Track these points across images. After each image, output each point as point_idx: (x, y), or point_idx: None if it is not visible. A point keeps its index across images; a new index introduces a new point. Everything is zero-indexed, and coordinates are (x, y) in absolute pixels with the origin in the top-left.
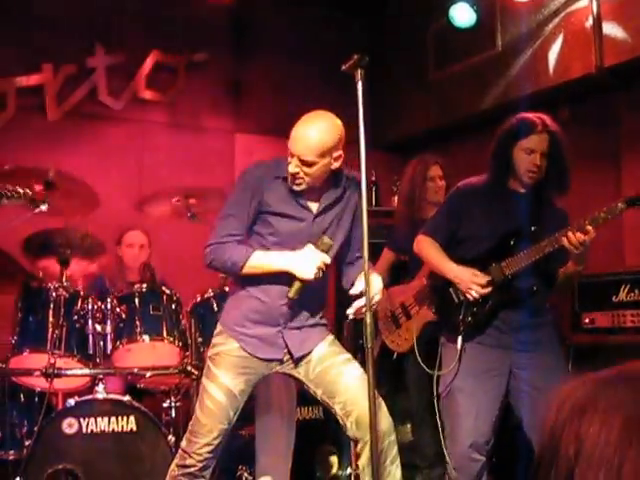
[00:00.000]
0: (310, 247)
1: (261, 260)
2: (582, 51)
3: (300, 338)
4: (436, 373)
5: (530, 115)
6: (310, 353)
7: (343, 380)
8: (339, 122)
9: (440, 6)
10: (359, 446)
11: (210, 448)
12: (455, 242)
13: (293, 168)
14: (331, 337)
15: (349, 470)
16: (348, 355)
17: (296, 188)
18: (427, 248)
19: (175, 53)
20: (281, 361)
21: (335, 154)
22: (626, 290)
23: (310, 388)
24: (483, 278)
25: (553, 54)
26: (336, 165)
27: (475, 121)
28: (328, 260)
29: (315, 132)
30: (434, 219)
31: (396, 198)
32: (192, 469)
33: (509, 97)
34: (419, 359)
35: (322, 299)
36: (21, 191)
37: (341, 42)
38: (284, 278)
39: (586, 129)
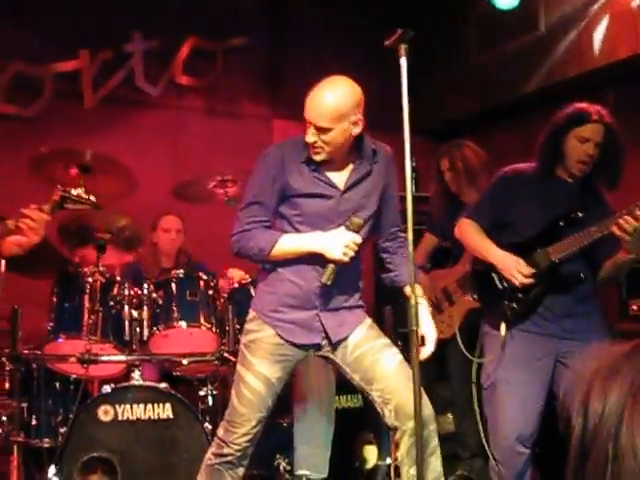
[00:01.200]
0: (340, 229)
1: (289, 244)
2: (628, 32)
3: (337, 321)
4: (479, 361)
5: (586, 105)
6: (348, 337)
7: (381, 366)
8: (356, 85)
9: None
10: (397, 435)
11: (248, 437)
12: (499, 227)
13: (310, 137)
14: (369, 320)
15: (388, 460)
16: (387, 340)
17: (316, 158)
18: (469, 232)
19: (212, 38)
20: (319, 346)
21: (353, 118)
22: None
23: (347, 373)
24: (527, 268)
25: (598, 35)
26: (356, 131)
27: (518, 105)
28: (359, 239)
29: (329, 96)
30: (478, 203)
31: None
32: (230, 458)
33: (553, 80)
34: (461, 346)
35: (358, 280)
36: (85, 196)
37: (382, 25)
38: (318, 258)
39: (631, 112)
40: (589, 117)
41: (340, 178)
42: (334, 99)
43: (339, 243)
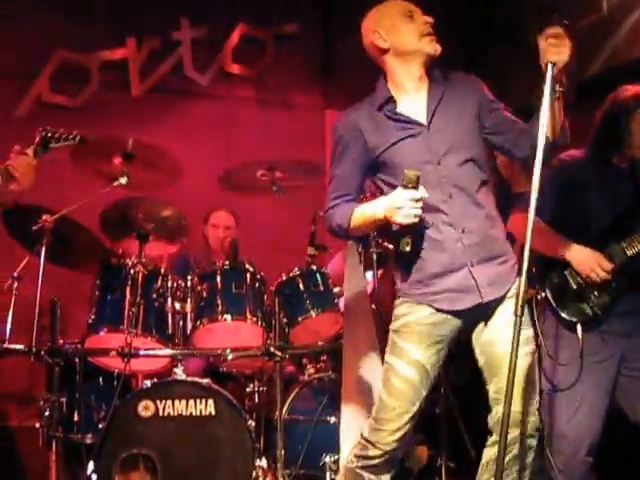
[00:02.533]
0: (398, 189)
1: (360, 215)
2: None
3: (489, 276)
4: (559, 364)
5: None
6: (502, 302)
7: (505, 364)
8: None
9: None
10: (493, 438)
11: (398, 435)
12: (563, 220)
13: (427, 18)
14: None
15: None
16: (530, 332)
17: (437, 49)
18: (522, 224)
19: (263, 25)
20: (480, 306)
21: None
22: None
23: (475, 350)
24: (607, 262)
25: None
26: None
27: (580, 89)
28: (418, 195)
29: None
30: (529, 192)
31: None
32: (375, 461)
33: (616, 62)
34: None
35: (498, 219)
36: (68, 133)
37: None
38: (439, 214)
39: None
40: None
41: (419, 113)
42: None
43: (394, 206)
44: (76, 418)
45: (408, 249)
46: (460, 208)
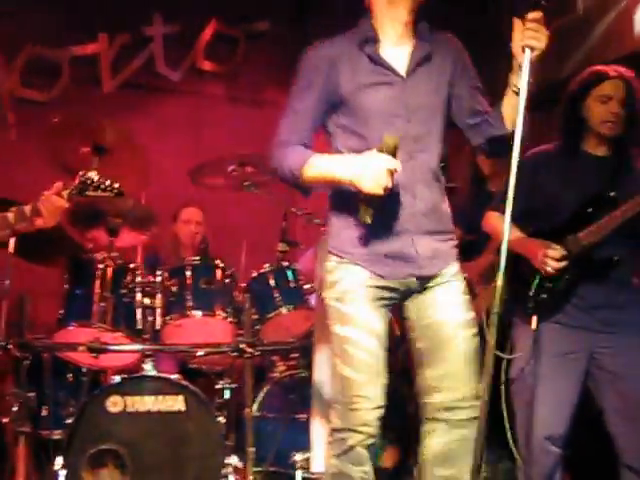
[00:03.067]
0: (372, 152)
1: (319, 168)
2: None
3: (430, 249)
4: (508, 357)
5: (600, 66)
6: (443, 281)
7: (452, 348)
8: None
9: None
10: (431, 425)
11: (377, 413)
12: (528, 215)
13: None
14: (462, 282)
15: (412, 461)
16: (471, 314)
17: None
18: (496, 223)
19: (235, 22)
20: (416, 278)
21: None
22: None
23: (412, 332)
24: (558, 251)
25: (639, 16)
26: None
27: (554, 90)
28: (395, 165)
29: None
30: (502, 192)
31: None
32: (358, 449)
33: (591, 63)
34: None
35: (444, 195)
36: (107, 183)
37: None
38: (401, 172)
39: None
40: (607, 75)
41: (400, 63)
42: None
43: (368, 172)
44: (44, 413)
45: (369, 221)
46: (418, 172)
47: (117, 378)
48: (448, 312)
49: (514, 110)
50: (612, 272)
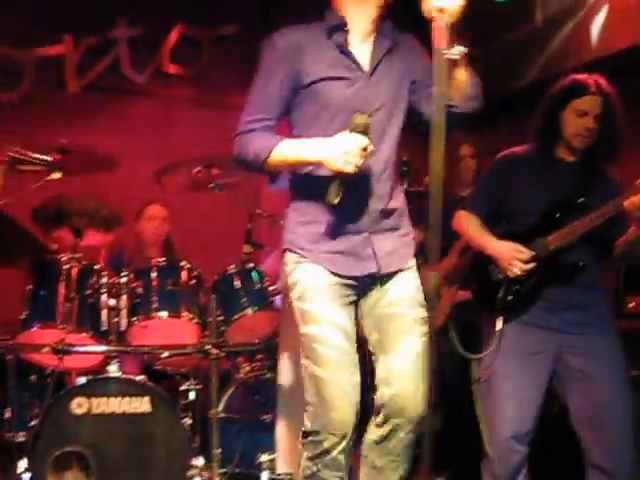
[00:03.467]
0: (343, 132)
1: (287, 151)
2: (627, 23)
3: (388, 247)
4: (473, 357)
5: (583, 76)
6: (397, 277)
7: (404, 342)
8: None
9: None
10: (379, 418)
11: (353, 411)
12: (499, 216)
13: None
14: (418, 279)
15: None
16: (424, 313)
17: None
18: (466, 223)
19: (201, 26)
20: (374, 277)
21: None
22: None
23: (366, 325)
24: (526, 253)
25: (596, 27)
26: None
27: (515, 99)
28: (366, 143)
29: None
30: (473, 193)
31: (428, 178)
32: (334, 453)
33: (550, 73)
34: (455, 342)
35: (400, 191)
36: (38, 156)
37: None
38: (363, 169)
39: (629, 104)
40: (587, 89)
41: (364, 60)
42: None
43: (339, 149)
44: (8, 416)
45: (336, 202)
46: (376, 169)
47: (82, 379)
48: (404, 307)
49: (460, 83)
50: (577, 275)
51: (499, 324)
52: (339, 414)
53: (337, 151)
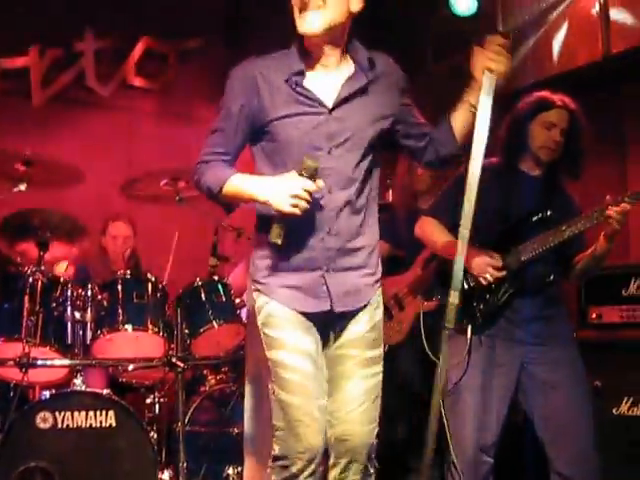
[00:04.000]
0: (292, 173)
1: (237, 187)
2: (588, 38)
3: (345, 287)
4: (443, 366)
5: (548, 92)
6: (353, 315)
7: (351, 384)
8: None
9: None
10: (331, 461)
11: (319, 437)
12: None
13: None
14: (378, 315)
15: None
16: (378, 352)
17: (310, 28)
18: (430, 229)
19: (166, 39)
20: (327, 314)
21: None
22: (637, 284)
23: (325, 360)
24: (498, 261)
25: (558, 43)
26: (355, 8)
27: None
28: (313, 187)
29: None
30: (438, 200)
31: (390, 192)
32: (302, 476)
33: (511, 88)
34: (427, 350)
35: (371, 228)
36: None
37: None
38: (312, 207)
39: (591, 118)
40: (554, 102)
41: (328, 94)
42: None
43: (285, 191)
44: None
45: (279, 242)
46: (334, 206)
47: (47, 393)
48: (353, 349)
49: (465, 127)
50: (544, 287)
51: (468, 334)
52: (306, 439)
53: (283, 193)
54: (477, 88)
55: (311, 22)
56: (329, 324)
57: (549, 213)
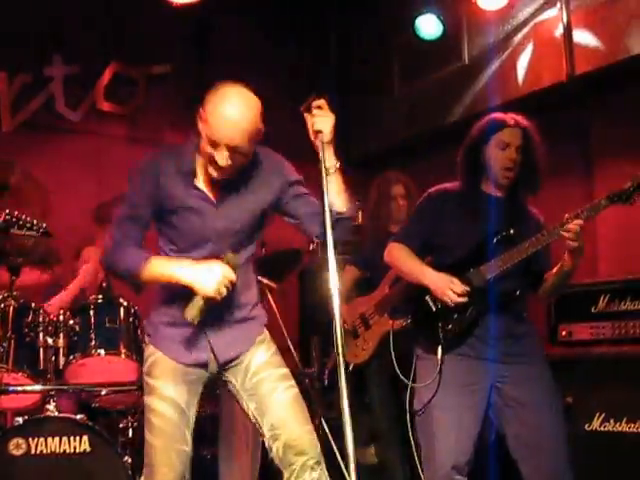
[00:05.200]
0: (216, 262)
1: (158, 269)
2: (552, 60)
3: (227, 338)
4: (414, 385)
5: (500, 114)
6: (242, 357)
7: (275, 397)
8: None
9: (406, 18)
10: (286, 475)
11: (173, 476)
12: (429, 249)
13: (223, 160)
14: (273, 346)
15: None
16: (286, 370)
17: (218, 177)
18: (398, 254)
19: (135, 64)
20: (206, 365)
21: (260, 129)
22: (606, 300)
23: (243, 401)
24: (460, 286)
25: (522, 64)
26: (258, 141)
27: (443, 135)
28: (233, 277)
29: (244, 112)
30: (405, 226)
31: (360, 215)
32: None
33: (477, 109)
34: (397, 370)
35: (250, 290)
36: (34, 222)
37: (307, 55)
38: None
39: (557, 139)
40: (505, 122)
41: (214, 189)
42: (249, 114)
43: (211, 278)
44: None
45: (195, 321)
46: None
47: (19, 420)
48: (264, 373)
49: (337, 190)
50: (511, 305)
51: (438, 354)
52: (161, 476)
53: (210, 280)
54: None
55: (221, 177)
56: (233, 369)
57: (512, 231)
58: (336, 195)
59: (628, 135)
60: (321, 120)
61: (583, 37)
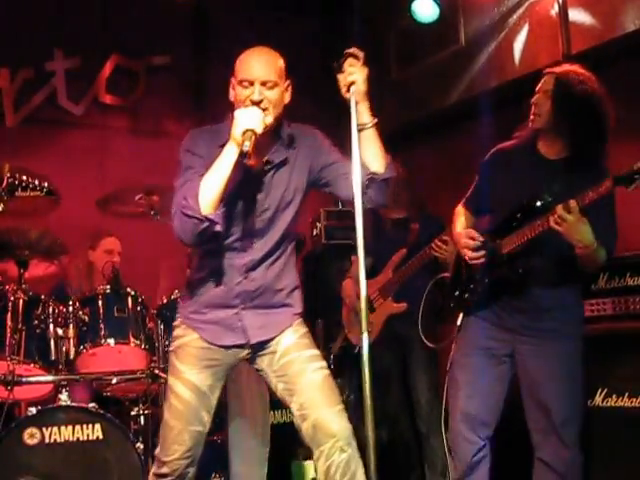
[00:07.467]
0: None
1: (210, 174)
2: (548, 40)
3: (260, 321)
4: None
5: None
6: (272, 340)
7: (305, 378)
8: None
9: (402, 2)
10: (315, 454)
11: (183, 454)
12: (488, 212)
13: (257, 95)
14: (304, 329)
15: None
16: (317, 351)
17: (267, 121)
18: (454, 218)
19: (135, 56)
20: (243, 347)
21: (286, 83)
22: (605, 277)
23: (271, 381)
24: (471, 242)
25: (518, 45)
26: (288, 98)
27: (441, 118)
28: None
29: (269, 52)
30: (470, 190)
31: None
32: (169, 478)
33: (474, 92)
34: (422, 335)
35: (286, 276)
36: (36, 182)
37: (302, 43)
38: (235, 257)
39: None
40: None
41: (254, 167)
42: (274, 55)
43: (242, 116)
44: None
45: (249, 148)
46: (256, 257)
47: (33, 410)
48: (293, 354)
49: (373, 147)
50: (538, 277)
51: (459, 319)
52: (172, 454)
53: (241, 117)
54: (354, 107)
55: (267, 119)
56: (262, 350)
57: (550, 199)
58: (372, 154)
59: (624, 113)
60: (354, 70)
61: (579, 16)
